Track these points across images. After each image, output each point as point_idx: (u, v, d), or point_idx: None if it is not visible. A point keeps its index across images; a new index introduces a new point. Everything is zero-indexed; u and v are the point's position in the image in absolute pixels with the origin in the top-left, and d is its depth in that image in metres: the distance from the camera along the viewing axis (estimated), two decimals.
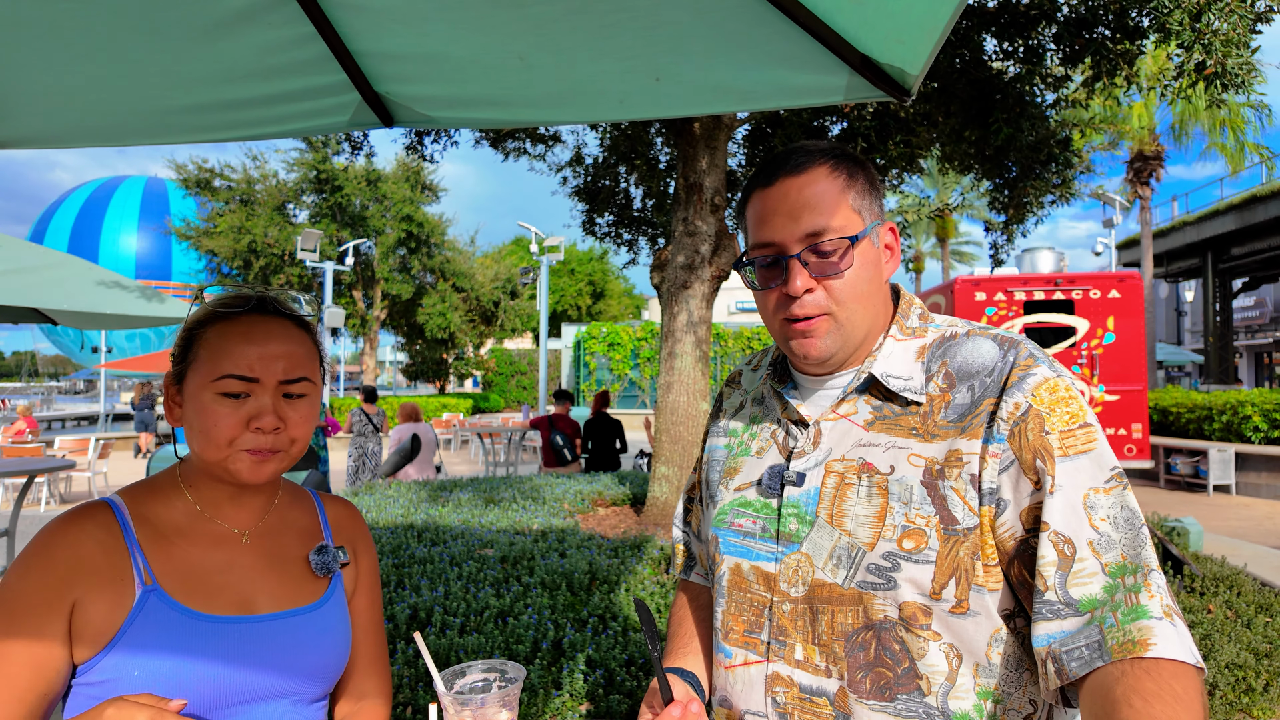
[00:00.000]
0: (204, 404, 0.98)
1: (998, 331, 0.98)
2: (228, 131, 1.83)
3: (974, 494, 0.88)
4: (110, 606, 0.93)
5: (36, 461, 6.60)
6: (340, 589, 1.13)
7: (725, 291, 27.22)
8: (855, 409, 1.00)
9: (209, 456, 0.99)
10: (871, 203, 1.00)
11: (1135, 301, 10.27)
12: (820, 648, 0.94)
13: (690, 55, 1.50)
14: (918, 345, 1.00)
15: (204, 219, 22.61)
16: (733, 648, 1.03)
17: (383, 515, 5.50)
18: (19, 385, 79.61)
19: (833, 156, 0.99)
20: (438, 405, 23.00)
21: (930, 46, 1.23)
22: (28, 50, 1.54)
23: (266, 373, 0.99)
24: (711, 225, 5.76)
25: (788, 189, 0.97)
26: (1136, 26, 4.81)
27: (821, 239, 0.95)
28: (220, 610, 0.98)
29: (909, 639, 0.89)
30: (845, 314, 0.97)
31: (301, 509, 1.16)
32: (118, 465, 14.35)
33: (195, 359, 1.00)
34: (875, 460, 0.94)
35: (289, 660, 1.02)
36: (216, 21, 1.47)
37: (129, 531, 0.97)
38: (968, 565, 0.88)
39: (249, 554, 1.05)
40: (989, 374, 0.93)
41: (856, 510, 0.93)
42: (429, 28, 1.52)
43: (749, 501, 1.05)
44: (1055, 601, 0.82)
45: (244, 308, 1.03)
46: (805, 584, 0.95)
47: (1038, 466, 0.86)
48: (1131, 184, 20.42)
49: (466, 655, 2.97)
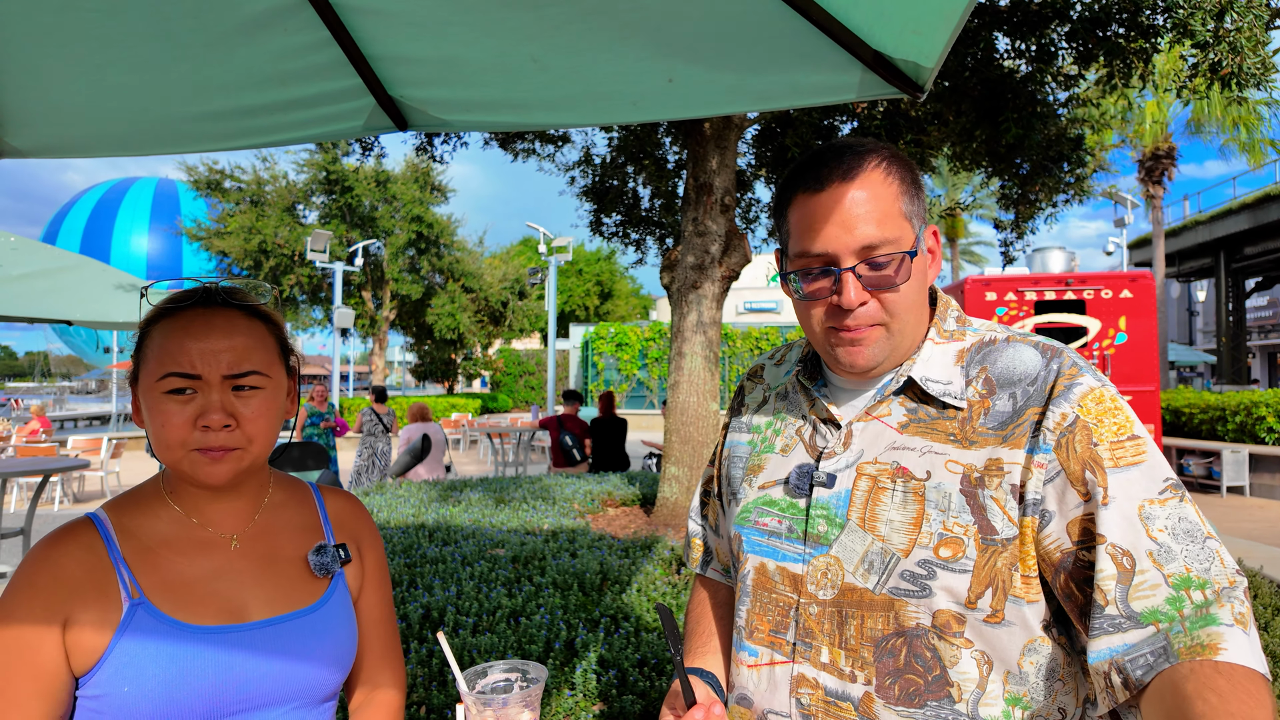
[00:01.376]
0: (152, 404, 0.95)
1: (1039, 339, 0.96)
2: (245, 139, 1.84)
3: (1015, 504, 0.87)
4: (98, 624, 0.91)
5: (51, 461, 6.65)
6: (343, 587, 1.10)
7: (734, 292, 27.17)
8: (889, 410, 0.98)
9: (165, 459, 0.97)
10: (919, 206, 0.97)
11: (1147, 301, 10.21)
12: (847, 652, 0.92)
13: (703, 56, 1.50)
14: (956, 349, 0.98)
15: (215, 220, 22.76)
16: (757, 646, 1.01)
17: (394, 515, 5.52)
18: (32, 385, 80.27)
19: (883, 157, 0.95)
20: (446, 405, 23.06)
21: (944, 41, 1.22)
22: (49, 61, 1.56)
23: (208, 368, 0.95)
24: (721, 225, 5.76)
25: (839, 195, 0.92)
26: (1151, 25, 4.77)
27: (877, 252, 0.91)
28: (209, 620, 0.96)
29: (941, 647, 0.88)
30: (898, 325, 0.95)
31: (299, 506, 1.12)
32: (129, 464, 14.46)
33: (144, 359, 0.97)
34: (910, 465, 0.93)
35: (287, 666, 0.99)
36: (233, 29, 1.49)
37: (113, 546, 0.96)
38: (1005, 576, 0.87)
39: (240, 559, 1.02)
40: (1031, 382, 0.91)
41: (891, 515, 0.91)
42: (443, 31, 1.53)
43: (774, 500, 1.03)
44: (1116, 615, 0.80)
45: (188, 302, 0.99)
46: (835, 587, 0.94)
47: (1087, 479, 0.84)
48: (1143, 183, 20.28)
49: (480, 655, 2.98)
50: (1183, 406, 13.07)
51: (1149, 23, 4.78)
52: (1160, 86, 5.88)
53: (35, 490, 6.00)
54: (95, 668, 0.90)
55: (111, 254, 28.51)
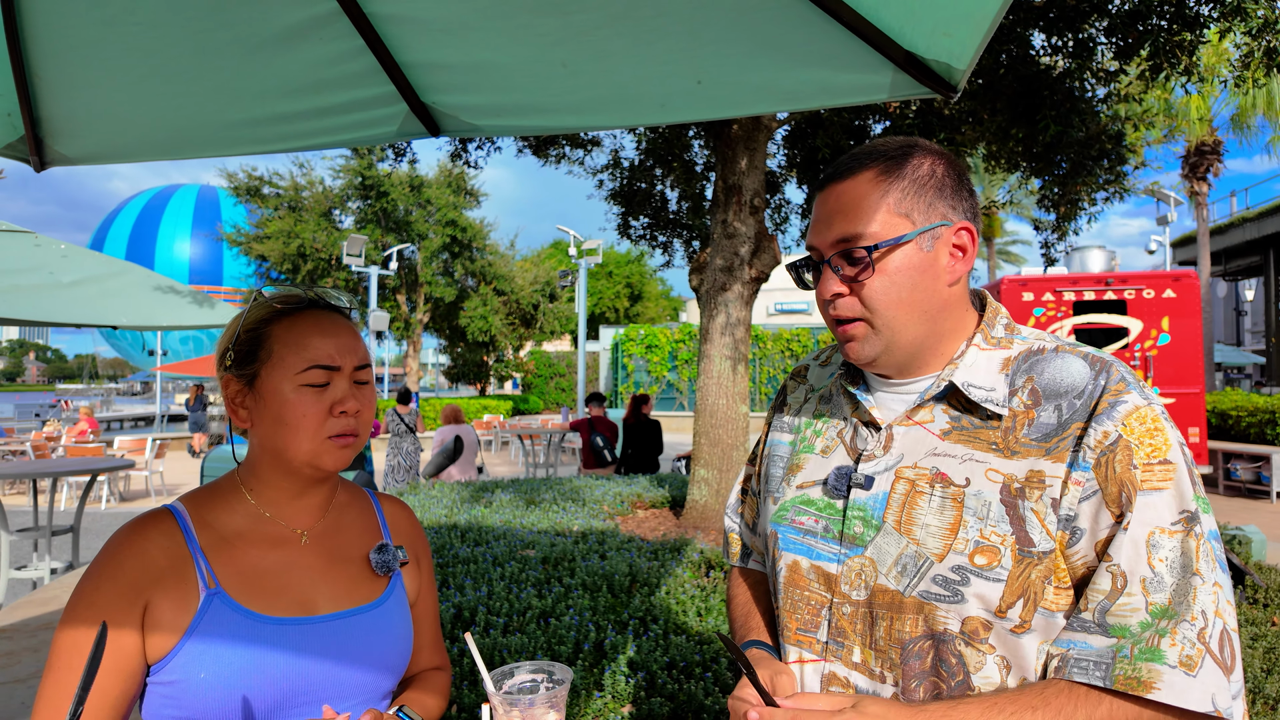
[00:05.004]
0: (287, 397, 1.01)
1: (1089, 350, 0.95)
2: (282, 143, 1.89)
3: (1053, 518, 0.87)
4: (176, 610, 0.96)
5: (99, 461, 6.86)
6: (400, 587, 1.14)
7: (765, 293, 27.01)
8: (931, 416, 0.97)
9: (295, 448, 1.01)
10: (931, 204, 0.95)
11: (1191, 301, 9.91)
12: (877, 653, 0.93)
13: (732, 57, 1.49)
14: (1002, 357, 0.97)
15: (254, 225, 23.27)
16: (787, 645, 1.02)
17: (427, 515, 5.60)
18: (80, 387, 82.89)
19: (886, 159, 0.96)
20: (478, 407, 23.28)
21: (978, 41, 1.20)
22: (95, 72, 1.62)
23: (345, 360, 1.05)
24: (751, 227, 5.73)
25: (828, 194, 0.97)
26: (1196, 15, 4.64)
27: (851, 244, 0.94)
28: (281, 611, 1.01)
29: (968, 653, 0.89)
30: (881, 320, 0.95)
31: (359, 508, 1.18)
32: (172, 465, 14.85)
33: (270, 356, 1.03)
34: (950, 471, 0.92)
35: (351, 660, 1.03)
36: (271, 39, 1.53)
37: (191, 537, 1.00)
38: (1038, 588, 0.87)
39: (308, 554, 1.07)
40: (1078, 395, 0.90)
41: (927, 520, 0.92)
42: (474, 38, 1.55)
43: (812, 500, 1.04)
44: (1089, 621, 0.84)
45: (303, 305, 1.07)
46: (867, 588, 0.95)
47: (1123, 500, 0.85)
48: (1187, 179, 19.71)
49: (510, 655, 3.00)
50: (1230, 409, 12.67)
51: (1193, 13, 4.65)
52: (1208, 78, 5.71)
53: (84, 489, 6.20)
54: (171, 653, 0.94)
55: (156, 259, 29.31)
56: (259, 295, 1.09)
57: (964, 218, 0.97)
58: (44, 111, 1.71)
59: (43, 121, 1.74)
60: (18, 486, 11.50)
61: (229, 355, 1.06)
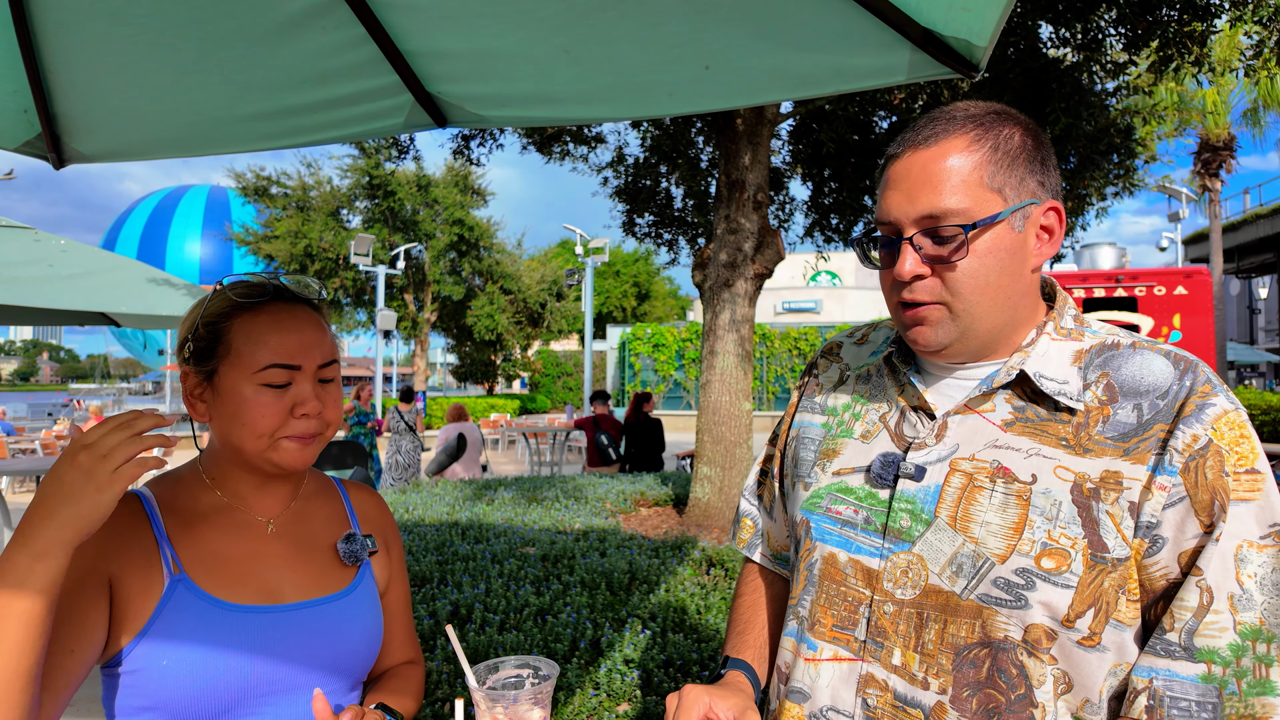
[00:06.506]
0: (245, 396, 0.97)
1: (1169, 348, 0.88)
2: (291, 138, 1.87)
3: (1130, 523, 0.81)
4: (142, 593, 0.93)
5: None
6: (369, 577, 1.12)
7: (772, 291, 26.88)
8: (992, 406, 0.90)
9: (252, 447, 0.98)
10: (1022, 179, 0.87)
11: (1204, 298, 9.80)
12: (923, 657, 0.86)
13: (741, 40, 1.42)
14: (1074, 348, 0.90)
15: (262, 224, 23.39)
16: (819, 641, 0.95)
17: (428, 513, 5.58)
18: (93, 386, 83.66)
19: (979, 125, 0.87)
20: (486, 406, 23.34)
21: (998, 15, 1.13)
22: (106, 68, 1.61)
23: (307, 359, 1.00)
24: (754, 223, 5.69)
25: (912, 163, 0.88)
26: (1207, 4, 4.56)
27: (939, 223, 0.85)
28: (247, 599, 0.98)
29: (1030, 664, 0.82)
30: (963, 306, 0.87)
31: (327, 498, 1.16)
32: (178, 461, 14.90)
33: (229, 352, 0.98)
34: (1013, 465, 0.86)
35: (317, 649, 1.01)
36: (272, 29, 1.51)
37: (156, 520, 0.98)
38: (1111, 598, 0.81)
39: (275, 542, 1.05)
40: (1161, 395, 0.84)
41: (987, 517, 0.85)
42: (474, 23, 1.51)
43: (851, 488, 0.97)
44: (1174, 643, 0.78)
45: (265, 297, 1.02)
46: (917, 588, 0.88)
47: (1214, 509, 0.79)
48: (1200, 175, 19.52)
49: (506, 652, 2.97)
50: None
51: (1204, 2, 4.57)
52: (1219, 70, 5.63)
53: None
54: (135, 640, 0.92)
55: (167, 259, 29.50)
56: (220, 285, 1.04)
57: (1051, 196, 0.89)
58: (59, 109, 1.71)
59: (59, 119, 1.75)
60: (26, 484, 11.59)
61: (187, 347, 1.01)
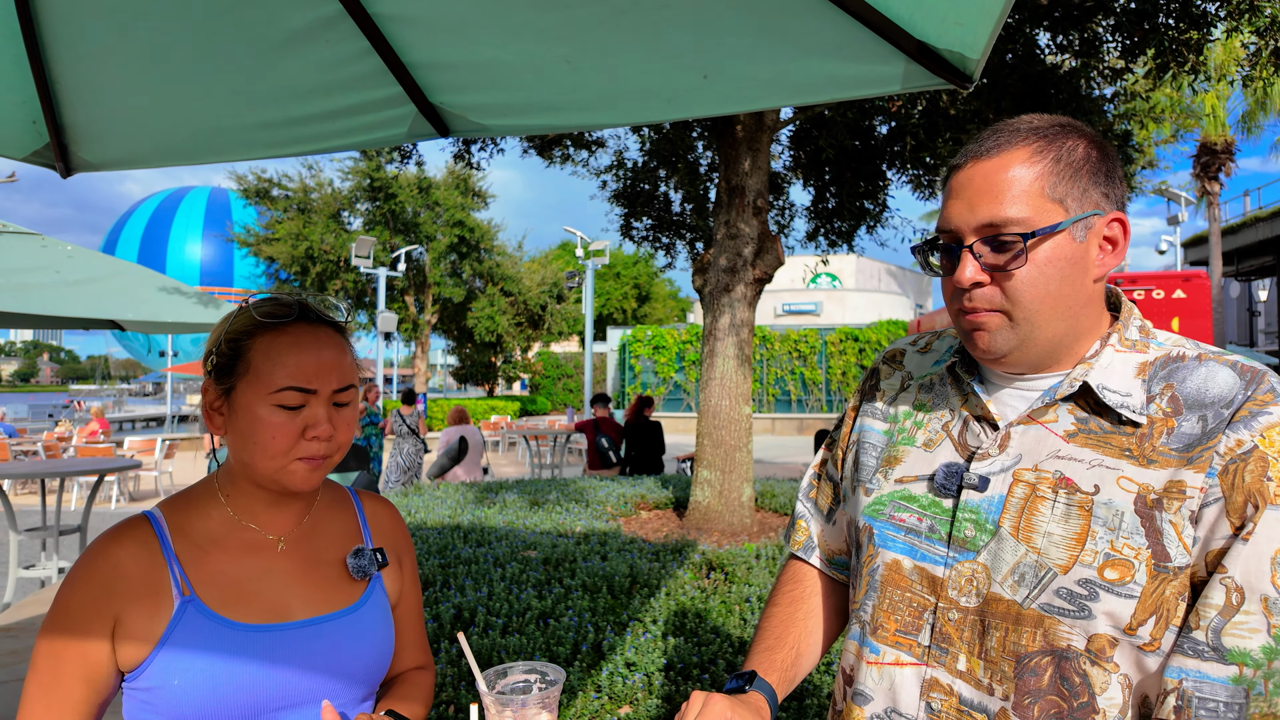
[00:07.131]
0: (259, 416, 0.99)
1: (1237, 358, 0.88)
2: (295, 146, 1.90)
3: (1190, 531, 0.81)
4: (150, 618, 0.96)
5: (106, 461, 6.92)
6: (380, 590, 1.13)
7: (773, 294, 26.90)
8: (1055, 416, 0.91)
9: (262, 467, 1.00)
10: (1085, 190, 0.88)
11: (1202, 302, 9.85)
12: (986, 663, 0.88)
13: (739, 50, 1.46)
14: (1139, 360, 0.91)
15: (263, 226, 23.42)
16: (881, 645, 0.97)
17: (430, 516, 5.61)
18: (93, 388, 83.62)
19: (1039, 137, 0.89)
20: (486, 408, 23.37)
21: (990, 29, 1.17)
22: (113, 78, 1.65)
23: (323, 384, 1.00)
24: (754, 228, 5.72)
25: (974, 173, 0.90)
26: (1203, 13, 4.60)
27: (999, 231, 0.86)
28: (255, 619, 1.00)
29: (1093, 672, 0.83)
30: (1023, 314, 0.88)
31: (340, 510, 1.17)
32: (181, 464, 14.94)
33: (247, 371, 1.00)
34: (1076, 476, 0.86)
35: (327, 665, 1.03)
36: (278, 43, 1.55)
37: (167, 544, 1.00)
38: (1171, 605, 0.81)
39: (285, 559, 1.06)
40: (1226, 405, 0.84)
41: (1050, 528, 0.86)
42: (477, 36, 1.55)
43: (914, 496, 0.98)
44: (1202, 643, 0.78)
45: (289, 317, 1.03)
46: (979, 596, 0.89)
47: (1247, 511, 0.78)
48: (1199, 178, 19.56)
49: (509, 655, 3.00)
50: None
51: (1200, 11, 4.61)
52: (1215, 77, 5.67)
53: (92, 489, 6.25)
54: (147, 661, 0.95)
55: (167, 261, 29.51)
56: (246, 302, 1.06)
57: (1116, 207, 0.90)
58: (66, 118, 1.74)
59: (66, 128, 1.77)
60: (29, 486, 11.61)
61: (210, 361, 1.04)
